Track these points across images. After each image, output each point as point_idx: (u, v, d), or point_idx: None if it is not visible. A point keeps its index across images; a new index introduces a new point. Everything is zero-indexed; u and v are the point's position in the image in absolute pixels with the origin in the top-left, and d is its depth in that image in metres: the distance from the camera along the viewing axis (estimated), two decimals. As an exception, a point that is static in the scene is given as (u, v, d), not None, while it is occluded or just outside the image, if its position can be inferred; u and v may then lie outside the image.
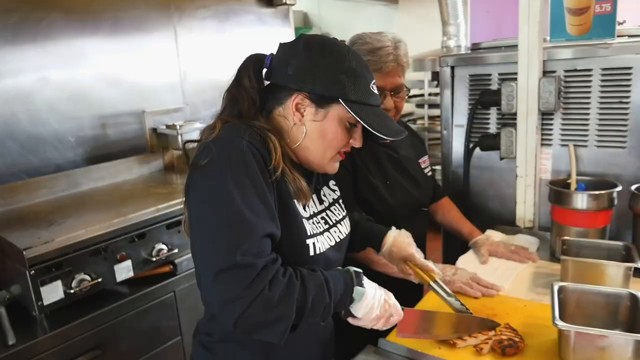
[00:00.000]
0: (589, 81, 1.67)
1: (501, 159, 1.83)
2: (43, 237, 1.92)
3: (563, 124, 1.75)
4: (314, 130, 1.04)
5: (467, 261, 1.60)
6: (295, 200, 1.03)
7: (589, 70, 1.67)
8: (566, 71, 1.70)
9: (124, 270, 2.03)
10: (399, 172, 1.58)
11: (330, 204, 1.18)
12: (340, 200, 1.22)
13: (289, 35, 3.80)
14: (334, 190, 1.22)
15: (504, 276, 1.48)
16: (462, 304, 1.25)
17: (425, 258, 1.71)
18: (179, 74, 3.17)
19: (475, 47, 1.99)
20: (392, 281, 1.43)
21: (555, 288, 1.15)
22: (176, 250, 2.23)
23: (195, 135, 3.03)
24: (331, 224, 1.14)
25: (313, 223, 1.07)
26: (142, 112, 2.95)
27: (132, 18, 2.90)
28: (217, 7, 3.33)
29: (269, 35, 3.65)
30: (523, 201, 1.80)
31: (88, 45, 2.72)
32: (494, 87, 1.84)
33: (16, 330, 1.76)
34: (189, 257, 2.34)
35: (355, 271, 1.05)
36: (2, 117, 2.41)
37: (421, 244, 1.72)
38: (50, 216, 2.21)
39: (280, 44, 1.09)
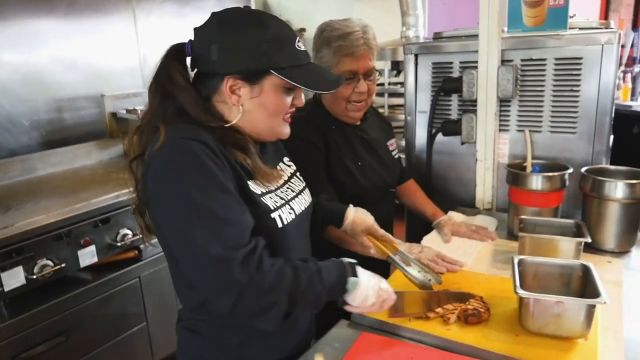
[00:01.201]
0: (544, 70, 1.77)
1: (462, 143, 1.92)
2: (1, 222, 1.86)
3: (520, 111, 1.85)
4: (255, 106, 1.05)
5: (431, 240, 1.68)
6: (250, 181, 1.04)
7: (544, 59, 1.77)
8: (522, 60, 1.80)
9: (87, 256, 2.00)
10: (369, 153, 1.64)
11: (290, 177, 1.21)
12: (298, 174, 1.26)
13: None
14: (289, 166, 1.25)
15: (466, 254, 1.57)
16: (425, 272, 1.31)
17: (393, 234, 1.79)
18: (139, 57, 3.11)
19: (437, 37, 2.06)
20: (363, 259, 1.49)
21: (516, 261, 1.24)
22: (141, 236, 2.21)
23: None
24: (296, 192, 1.18)
25: (272, 197, 1.08)
26: (101, 96, 2.88)
27: (88, 0, 2.81)
28: (176, -9, 3.27)
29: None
30: (482, 184, 1.90)
31: (43, 26, 2.62)
32: (456, 74, 1.92)
33: (-24, 317, 1.71)
34: (155, 242, 2.31)
35: (349, 262, 1.08)
36: (-50, 98, 2.30)
37: (389, 224, 1.79)
38: (7, 201, 2.13)
39: (195, 28, 1.06)
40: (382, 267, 1.43)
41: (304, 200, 1.20)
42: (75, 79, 2.81)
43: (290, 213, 1.11)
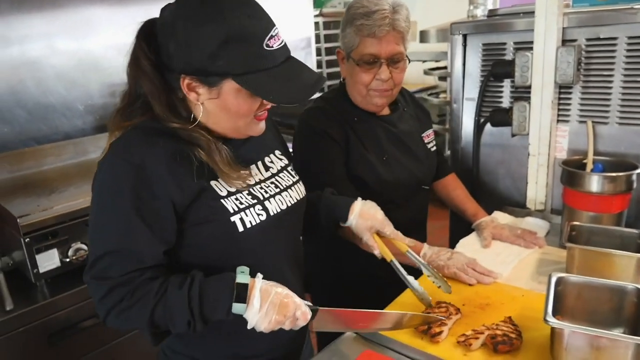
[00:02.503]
0: (614, 51, 1.51)
1: (513, 135, 1.70)
2: (42, 205, 1.92)
3: (582, 99, 1.61)
4: (215, 107, 0.95)
5: (467, 244, 1.51)
6: (215, 181, 0.97)
7: (614, 38, 1.51)
8: (588, 40, 1.55)
9: (121, 241, 2.02)
10: (397, 147, 1.48)
11: (279, 171, 1.12)
12: (289, 168, 1.16)
13: (307, 5, 3.67)
14: (280, 159, 1.15)
15: (505, 262, 1.38)
16: (435, 278, 1.19)
17: (426, 240, 1.63)
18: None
19: (492, 14, 1.83)
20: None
21: (553, 279, 1.05)
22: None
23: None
24: (282, 188, 1.09)
25: (240, 198, 0.99)
26: (152, 81, 2.91)
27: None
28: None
29: (285, 4, 3.50)
30: (535, 181, 1.68)
31: (96, 13, 2.67)
32: (509, 57, 1.69)
33: (16, 296, 1.77)
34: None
35: (240, 284, 0.92)
36: (10, 84, 2.41)
37: (421, 224, 1.63)
38: (54, 184, 2.21)
39: (162, 8, 0.95)
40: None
41: (288, 198, 1.09)
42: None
43: (260, 214, 1.01)
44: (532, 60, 1.58)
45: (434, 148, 1.60)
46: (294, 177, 1.16)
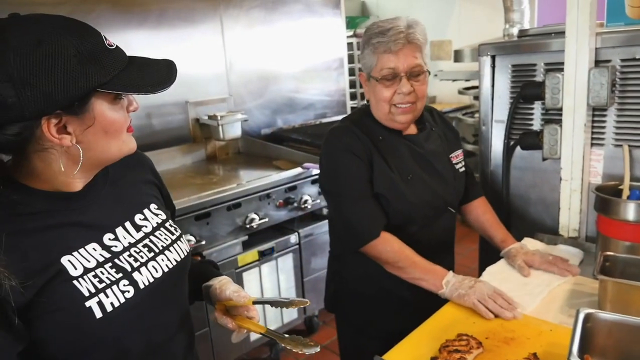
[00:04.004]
0: (651, 72, 1.44)
1: (544, 159, 1.64)
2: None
3: (618, 121, 1.53)
4: (92, 137, 0.82)
5: (495, 272, 1.45)
6: (68, 256, 0.82)
7: (652, 59, 1.43)
8: (623, 60, 1.47)
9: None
10: (422, 167, 1.45)
11: (154, 229, 0.96)
12: (168, 223, 1.00)
13: (339, 26, 3.71)
14: (156, 214, 0.99)
15: (533, 293, 1.32)
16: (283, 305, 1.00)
17: (454, 263, 1.59)
18: (225, 64, 3.18)
19: (522, 34, 1.78)
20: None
21: (581, 316, 0.99)
22: (204, 242, 2.23)
23: (237, 127, 3.03)
24: (157, 250, 0.93)
25: (100, 274, 0.84)
26: (186, 103, 2.98)
27: (179, 9, 2.93)
28: (264, -3, 3.30)
29: (318, 25, 3.58)
30: (568, 207, 1.60)
31: (135, 36, 2.78)
32: (539, 78, 1.64)
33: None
34: (219, 249, 2.34)
35: None
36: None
37: (448, 247, 1.58)
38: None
39: None
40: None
41: (165, 261, 0.94)
42: (164, 86, 2.94)
43: (126, 291, 0.85)
44: (563, 82, 1.52)
45: (463, 169, 1.55)
46: (173, 232, 0.99)
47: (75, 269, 0.81)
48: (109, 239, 0.88)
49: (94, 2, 2.64)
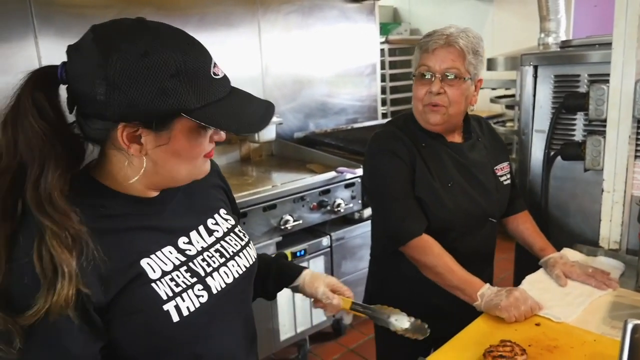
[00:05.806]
0: (700, 85, 1.43)
1: (586, 170, 1.63)
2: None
3: (664, 135, 1.52)
4: (163, 155, 0.80)
5: (535, 281, 1.45)
6: (145, 260, 0.81)
7: (701, 72, 1.43)
8: (671, 73, 1.47)
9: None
10: (464, 176, 1.46)
11: (225, 234, 0.96)
12: (237, 229, 1.00)
13: (374, 32, 3.74)
14: (226, 219, 0.99)
15: (574, 303, 1.32)
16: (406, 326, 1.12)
17: (492, 275, 1.59)
18: (261, 67, 3.24)
19: (565, 45, 1.79)
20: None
21: (630, 326, 0.99)
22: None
23: (272, 130, 3.08)
24: (228, 256, 0.93)
25: (176, 278, 0.84)
26: (222, 105, 3.05)
27: (218, 13, 3.00)
28: (301, 3, 3.35)
29: (353, 31, 3.62)
30: (609, 219, 1.59)
31: (176, 39, 2.86)
32: (582, 89, 1.64)
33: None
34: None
35: None
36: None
37: (487, 258, 1.59)
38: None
39: (70, 47, 0.78)
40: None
41: (235, 267, 0.93)
42: (202, 88, 3.01)
43: (200, 295, 0.85)
44: (608, 93, 1.52)
45: (508, 182, 1.56)
46: (242, 238, 0.99)
47: (154, 271, 0.82)
48: (184, 243, 0.89)
49: (139, 5, 2.73)
